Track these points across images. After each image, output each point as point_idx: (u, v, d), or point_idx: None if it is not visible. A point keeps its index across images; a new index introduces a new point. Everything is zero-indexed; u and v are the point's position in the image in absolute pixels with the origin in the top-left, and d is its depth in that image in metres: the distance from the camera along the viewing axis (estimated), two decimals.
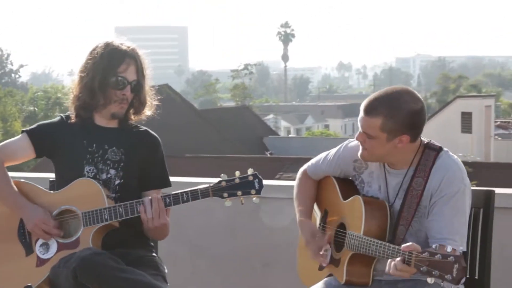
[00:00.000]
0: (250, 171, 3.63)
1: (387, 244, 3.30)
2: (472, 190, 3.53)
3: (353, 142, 3.68)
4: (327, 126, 70.25)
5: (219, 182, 3.61)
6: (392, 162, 3.53)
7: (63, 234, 3.70)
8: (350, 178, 3.73)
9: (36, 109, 50.06)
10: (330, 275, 3.68)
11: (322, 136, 48.77)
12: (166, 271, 3.81)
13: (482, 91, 74.46)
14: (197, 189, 3.62)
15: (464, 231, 3.41)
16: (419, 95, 3.47)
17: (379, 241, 3.34)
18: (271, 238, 5.06)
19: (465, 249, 3.37)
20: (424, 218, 3.44)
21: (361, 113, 3.44)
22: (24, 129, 3.89)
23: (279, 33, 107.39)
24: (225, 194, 3.60)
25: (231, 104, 64.50)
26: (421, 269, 2.98)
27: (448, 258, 2.92)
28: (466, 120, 31.06)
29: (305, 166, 3.91)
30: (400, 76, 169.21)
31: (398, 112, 3.37)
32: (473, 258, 3.68)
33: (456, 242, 3.29)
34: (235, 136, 36.09)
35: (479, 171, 18.44)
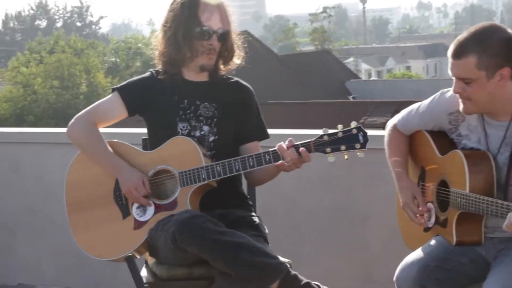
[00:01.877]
0: (353, 124, 3.40)
1: (499, 201, 3.04)
2: None
3: (448, 93, 3.41)
4: (408, 68, 69.16)
5: (321, 136, 3.40)
6: (494, 110, 3.24)
7: (153, 198, 3.55)
8: (445, 131, 3.45)
9: (118, 60, 50.45)
10: (436, 236, 3.43)
11: (404, 78, 48.03)
12: (266, 231, 3.65)
13: None
14: (298, 144, 3.41)
15: None
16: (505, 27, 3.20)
17: (490, 199, 3.08)
18: (370, 191, 4.85)
19: None
20: None
21: (451, 60, 3.18)
22: (114, 86, 3.74)
23: None
24: (328, 149, 3.38)
25: (310, 48, 63.94)
26: None
27: None
28: None
29: (394, 120, 3.64)
30: (483, 13, 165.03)
31: (489, 44, 3.12)
32: None
33: None
34: (317, 81, 35.80)
35: None
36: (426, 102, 3.52)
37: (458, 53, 3.16)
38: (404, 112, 3.61)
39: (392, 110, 26.91)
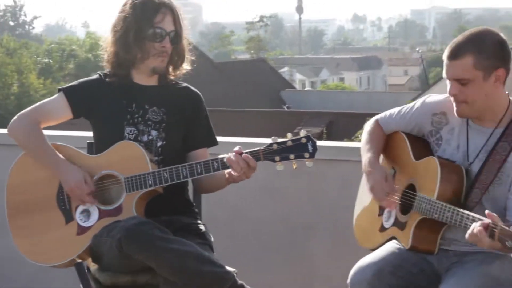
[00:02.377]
0: (302, 133, 3.38)
1: (466, 212, 3.04)
2: None
3: (433, 97, 3.45)
4: (342, 79, 69.75)
5: (270, 144, 3.36)
6: (484, 114, 3.26)
7: (97, 202, 3.47)
8: (424, 136, 3.46)
9: (51, 61, 49.68)
10: (391, 238, 3.44)
11: (338, 90, 48.47)
12: (212, 239, 3.60)
13: None
14: (247, 152, 3.37)
15: None
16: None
17: (457, 208, 3.09)
18: (313, 201, 4.84)
19: None
20: (505, 187, 3.18)
21: (447, 62, 3.21)
22: (60, 87, 3.64)
23: None
24: (277, 158, 3.34)
25: (246, 56, 64.06)
26: (506, 243, 2.74)
27: None
28: None
29: (377, 116, 3.64)
30: (415, 29, 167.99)
31: (486, 46, 3.18)
32: None
33: None
34: (252, 89, 35.90)
35: None
36: (410, 104, 3.55)
37: (455, 54, 3.19)
38: (388, 111, 3.62)
39: (326, 121, 27.23)
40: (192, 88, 3.73)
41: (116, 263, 3.33)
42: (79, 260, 3.53)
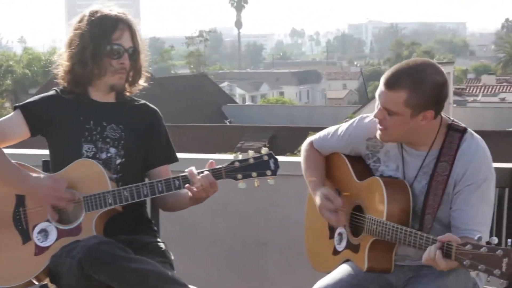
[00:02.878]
0: (264, 150, 3.38)
1: (419, 232, 3.05)
2: (496, 168, 3.32)
3: (367, 119, 3.43)
4: (282, 93, 70.03)
5: (232, 162, 3.35)
6: (412, 141, 3.28)
7: (63, 216, 3.40)
8: (362, 156, 3.47)
9: None
10: (346, 261, 3.43)
11: (278, 104, 48.65)
12: (172, 257, 3.57)
13: (434, 58, 74.93)
14: (208, 170, 3.36)
15: (489, 222, 3.20)
16: (441, 68, 3.22)
17: (409, 229, 3.09)
18: (267, 217, 4.84)
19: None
20: (447, 206, 3.21)
21: (382, 88, 3.17)
22: (17, 104, 3.56)
23: None
24: (239, 176, 3.35)
25: (185, 71, 63.96)
26: (464, 262, 2.75)
27: (496, 252, 2.69)
28: None
29: (310, 138, 3.64)
30: (353, 43, 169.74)
31: (423, 85, 3.11)
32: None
33: (482, 234, 2.99)
34: (194, 104, 35.78)
35: None
36: (344, 126, 3.52)
37: (391, 84, 3.14)
38: (321, 133, 3.60)
39: (269, 135, 27.28)
40: (150, 105, 3.69)
41: (76, 284, 3.25)
42: (36, 283, 3.45)
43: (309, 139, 3.65)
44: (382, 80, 3.17)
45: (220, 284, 4.87)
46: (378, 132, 3.26)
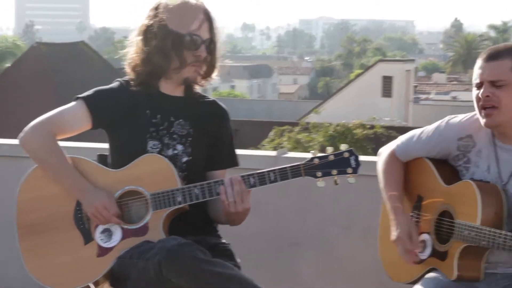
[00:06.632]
0: (344, 146, 3.20)
1: None
2: None
3: (456, 118, 3.31)
4: (233, 87, 69.94)
5: (311, 159, 3.17)
6: (510, 127, 3.17)
7: (125, 215, 3.20)
8: (448, 160, 3.32)
9: None
10: (431, 269, 3.28)
11: (230, 97, 48.52)
12: (239, 260, 3.37)
13: (387, 55, 75.44)
14: (286, 167, 3.17)
15: None
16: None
17: (509, 233, 2.96)
18: (300, 216, 4.66)
19: None
20: None
21: (482, 64, 3.16)
22: (80, 95, 3.33)
23: None
24: (319, 173, 3.16)
25: None
26: None
27: None
28: (387, 84, 31.15)
29: (392, 146, 3.45)
30: (304, 38, 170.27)
31: None
32: None
33: None
34: None
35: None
36: (430, 128, 3.38)
37: (493, 56, 3.15)
38: (403, 137, 3.44)
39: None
40: (221, 103, 3.49)
41: None
42: (93, 287, 3.23)
43: (389, 147, 3.48)
44: (481, 58, 3.18)
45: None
46: (483, 120, 3.16)
